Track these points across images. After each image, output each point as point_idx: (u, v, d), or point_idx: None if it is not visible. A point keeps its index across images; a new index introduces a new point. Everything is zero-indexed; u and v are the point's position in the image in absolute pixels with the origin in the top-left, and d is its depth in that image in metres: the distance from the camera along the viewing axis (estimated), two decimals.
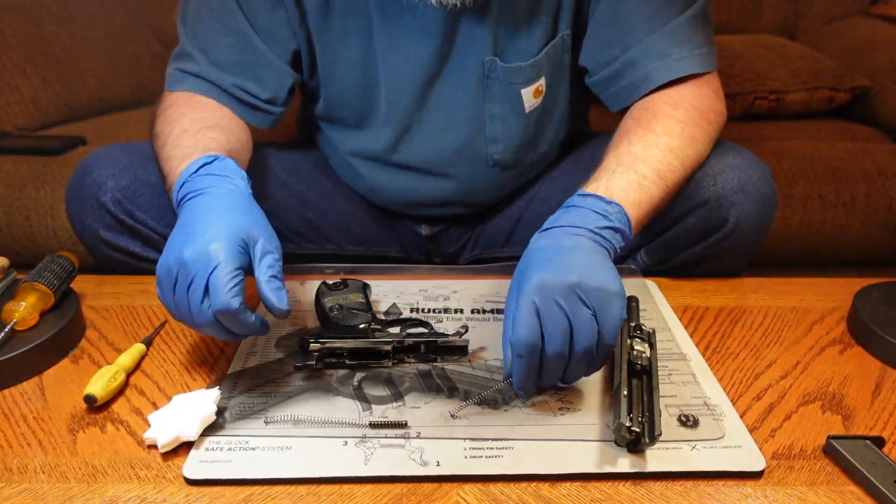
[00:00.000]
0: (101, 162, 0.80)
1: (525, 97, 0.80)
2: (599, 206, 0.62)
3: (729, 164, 0.77)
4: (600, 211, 0.62)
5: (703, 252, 0.81)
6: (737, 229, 0.77)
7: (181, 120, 0.73)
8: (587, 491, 0.49)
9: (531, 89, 0.80)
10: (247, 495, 0.49)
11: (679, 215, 0.79)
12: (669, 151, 0.70)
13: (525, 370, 0.53)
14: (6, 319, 0.63)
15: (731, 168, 0.77)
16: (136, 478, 0.50)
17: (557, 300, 0.52)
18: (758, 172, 0.77)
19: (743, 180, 0.76)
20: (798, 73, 1.50)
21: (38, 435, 0.55)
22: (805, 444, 0.54)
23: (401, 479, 0.50)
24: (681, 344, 0.67)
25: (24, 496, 0.48)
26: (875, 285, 0.74)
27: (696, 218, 0.78)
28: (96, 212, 0.78)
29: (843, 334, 0.71)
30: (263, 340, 0.67)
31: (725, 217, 0.76)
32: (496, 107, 0.81)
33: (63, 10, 1.55)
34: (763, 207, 0.77)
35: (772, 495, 0.49)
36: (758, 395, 0.61)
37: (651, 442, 0.51)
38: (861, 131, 1.49)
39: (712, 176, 0.77)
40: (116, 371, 0.59)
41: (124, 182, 0.78)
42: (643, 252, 0.85)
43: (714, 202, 0.76)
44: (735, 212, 0.76)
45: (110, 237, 0.80)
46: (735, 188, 0.76)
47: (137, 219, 0.79)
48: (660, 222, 0.80)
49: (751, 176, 0.77)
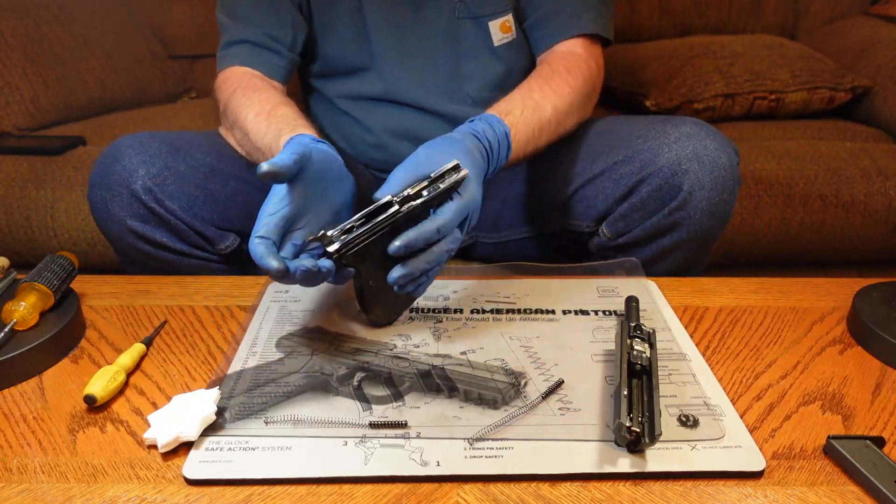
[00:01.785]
0: (132, 149, 0.78)
1: (493, 30, 0.90)
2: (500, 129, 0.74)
3: (686, 134, 0.79)
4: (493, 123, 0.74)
5: (659, 224, 0.81)
6: (690, 198, 0.78)
7: (251, 105, 0.81)
8: (587, 491, 0.49)
9: (498, 22, 0.91)
10: (247, 495, 0.49)
11: (635, 183, 0.81)
12: (554, 110, 0.82)
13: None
14: (6, 319, 0.63)
15: (686, 137, 0.78)
16: (136, 478, 0.50)
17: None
18: (715, 143, 0.78)
19: (698, 149, 0.78)
20: (798, 72, 1.50)
21: (38, 435, 0.55)
22: (805, 444, 0.54)
23: (401, 479, 0.50)
24: (681, 344, 0.67)
25: (23, 496, 0.48)
26: (875, 285, 0.74)
27: (650, 186, 0.80)
28: (125, 199, 0.77)
29: (844, 334, 0.71)
30: (263, 340, 0.67)
31: (679, 185, 0.78)
32: (467, 44, 0.90)
33: (63, 10, 1.55)
34: (719, 178, 0.78)
35: (772, 495, 0.49)
36: (758, 395, 0.61)
37: (651, 442, 0.51)
38: (861, 131, 1.49)
39: (668, 144, 0.79)
40: (116, 371, 0.59)
41: (155, 170, 0.78)
42: (604, 226, 0.86)
43: (667, 168, 0.78)
44: (689, 179, 0.77)
45: (137, 226, 0.79)
46: (689, 156, 0.77)
47: (167, 208, 0.79)
48: (618, 190, 0.83)
49: (707, 145, 0.78)
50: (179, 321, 0.71)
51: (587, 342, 0.67)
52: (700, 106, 1.48)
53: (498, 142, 0.73)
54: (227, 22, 0.91)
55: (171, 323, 0.71)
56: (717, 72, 1.50)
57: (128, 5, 1.71)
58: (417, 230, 0.59)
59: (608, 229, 0.86)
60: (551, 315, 0.72)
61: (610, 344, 0.67)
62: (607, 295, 0.76)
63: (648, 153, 0.80)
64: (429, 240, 0.60)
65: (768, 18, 1.85)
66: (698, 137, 0.78)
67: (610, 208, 0.85)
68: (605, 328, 0.70)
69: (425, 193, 0.61)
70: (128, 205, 0.78)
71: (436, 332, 0.68)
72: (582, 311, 0.73)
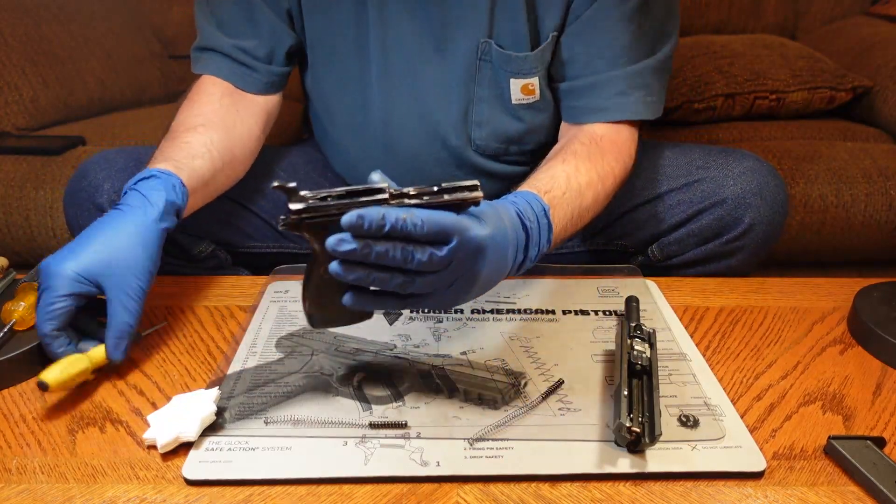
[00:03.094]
0: (98, 165, 0.80)
1: (513, 87, 0.81)
2: (538, 207, 0.62)
3: (749, 168, 0.82)
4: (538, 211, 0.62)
5: (714, 250, 0.84)
6: (750, 231, 0.81)
7: (176, 119, 0.77)
8: (587, 491, 0.49)
9: (521, 82, 0.82)
10: (247, 495, 0.49)
11: (696, 212, 0.83)
12: (594, 200, 0.72)
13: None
14: (6, 319, 0.63)
15: (751, 172, 0.82)
16: (136, 478, 0.50)
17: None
18: (775, 180, 0.83)
19: (762, 184, 0.81)
20: (798, 72, 1.50)
21: (38, 435, 0.55)
22: (806, 444, 0.54)
23: (401, 480, 0.50)
24: (681, 344, 0.67)
25: (23, 496, 0.48)
26: (875, 285, 0.74)
27: (712, 216, 0.82)
28: (92, 214, 0.78)
29: (844, 334, 0.71)
30: (263, 340, 0.67)
31: (741, 217, 0.81)
32: (484, 90, 0.82)
33: (63, 10, 1.55)
34: (776, 214, 0.82)
35: (772, 496, 0.49)
36: (758, 395, 0.60)
37: (651, 442, 0.51)
38: (861, 131, 1.49)
39: (733, 177, 0.82)
40: (78, 359, 0.58)
41: (119, 184, 0.78)
42: (655, 246, 0.88)
43: (731, 201, 0.81)
44: (751, 213, 0.81)
45: None
46: (754, 191, 0.81)
47: None
48: (675, 217, 0.85)
49: (769, 182, 0.82)
50: (179, 321, 0.71)
51: (587, 342, 0.67)
52: (700, 106, 1.48)
53: (538, 221, 0.61)
54: (202, 24, 0.83)
55: (171, 323, 0.71)
56: (718, 72, 1.50)
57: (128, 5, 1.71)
58: (384, 208, 0.47)
59: (659, 251, 0.88)
60: (551, 315, 0.72)
61: (610, 344, 0.67)
62: (607, 295, 0.76)
63: (712, 183, 0.82)
64: (393, 227, 0.47)
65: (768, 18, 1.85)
66: (761, 173, 0.82)
67: (663, 232, 0.87)
68: (605, 328, 0.70)
69: (426, 199, 0.50)
70: (94, 218, 0.79)
71: (436, 332, 0.68)
72: (582, 311, 0.73)
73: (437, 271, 0.50)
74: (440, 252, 0.48)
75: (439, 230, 0.48)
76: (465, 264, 0.51)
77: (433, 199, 0.50)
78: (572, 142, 0.75)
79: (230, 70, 0.81)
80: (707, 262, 0.86)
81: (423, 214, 0.47)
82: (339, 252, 0.46)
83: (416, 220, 0.47)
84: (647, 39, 0.77)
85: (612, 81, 0.77)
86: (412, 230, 0.47)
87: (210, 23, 0.82)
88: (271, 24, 0.82)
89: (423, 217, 0.47)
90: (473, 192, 0.51)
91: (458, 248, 0.49)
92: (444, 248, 0.48)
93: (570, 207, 0.67)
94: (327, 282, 0.51)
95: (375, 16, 0.79)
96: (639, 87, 0.77)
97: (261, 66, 0.83)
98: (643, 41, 0.77)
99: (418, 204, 0.49)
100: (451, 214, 0.49)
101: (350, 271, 0.48)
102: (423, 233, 0.47)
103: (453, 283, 0.51)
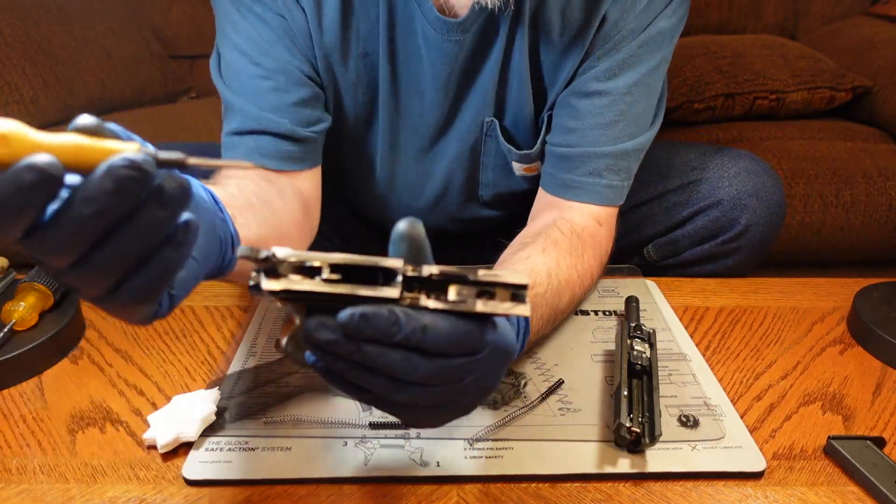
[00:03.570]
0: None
1: (515, 167, 0.78)
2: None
3: (745, 169, 0.81)
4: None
5: (710, 251, 0.83)
6: (746, 231, 0.81)
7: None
8: (587, 491, 0.49)
9: (523, 165, 0.78)
10: (247, 496, 0.49)
11: (692, 213, 0.83)
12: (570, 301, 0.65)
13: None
14: (5, 320, 0.63)
15: (747, 172, 0.81)
16: (136, 478, 0.50)
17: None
18: (771, 180, 0.82)
19: (758, 185, 0.80)
20: (798, 72, 1.50)
21: (38, 435, 0.55)
22: (805, 444, 0.54)
23: (401, 480, 0.50)
24: (681, 344, 0.67)
25: (23, 497, 0.48)
26: (875, 285, 0.74)
27: (708, 217, 0.82)
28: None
29: (844, 334, 0.71)
30: (263, 340, 0.67)
31: (737, 218, 0.80)
32: (490, 159, 0.79)
33: (63, 10, 1.55)
34: (773, 215, 0.81)
35: (772, 496, 0.49)
36: (758, 395, 0.61)
37: (651, 442, 0.51)
38: (861, 131, 1.49)
39: (728, 178, 0.81)
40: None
41: None
42: (651, 247, 0.88)
43: (727, 202, 0.80)
44: (747, 214, 0.80)
45: None
46: (750, 192, 0.80)
47: None
48: (671, 218, 0.84)
49: (765, 182, 0.81)
50: (179, 321, 0.71)
51: (587, 342, 0.67)
52: (700, 106, 1.48)
53: (518, 325, 0.54)
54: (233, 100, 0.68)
55: (172, 323, 0.71)
56: (718, 72, 1.50)
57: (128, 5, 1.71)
58: (398, 310, 0.33)
59: (655, 252, 0.88)
60: None
61: (610, 344, 0.67)
62: (607, 295, 0.76)
63: (707, 185, 0.82)
64: (407, 339, 0.33)
65: (768, 18, 1.85)
66: (757, 174, 0.81)
67: (658, 233, 0.87)
68: (605, 328, 0.70)
69: (452, 296, 0.35)
70: None
71: None
72: (582, 311, 0.73)
73: (442, 385, 0.37)
74: (452, 362, 0.36)
75: (463, 342, 0.35)
76: (479, 382, 0.38)
77: (464, 300, 0.35)
78: (552, 229, 0.67)
79: (276, 153, 0.68)
80: (703, 263, 0.85)
81: (447, 327, 0.34)
82: (320, 340, 0.33)
83: (439, 335, 0.34)
84: (635, 121, 0.71)
85: (592, 161, 0.71)
86: (429, 345, 0.34)
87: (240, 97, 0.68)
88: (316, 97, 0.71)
89: (447, 331, 0.34)
90: (519, 306, 0.35)
91: (482, 361, 0.37)
92: (459, 359, 0.36)
93: (548, 308, 0.60)
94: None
95: (386, 97, 0.73)
96: (616, 170, 0.71)
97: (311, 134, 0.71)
98: (631, 122, 0.71)
99: (442, 308, 0.35)
100: (480, 324, 0.36)
101: (325, 363, 0.35)
102: (440, 346, 0.35)
103: (452, 401, 0.38)
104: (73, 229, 0.30)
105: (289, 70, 0.67)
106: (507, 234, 0.71)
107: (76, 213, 0.30)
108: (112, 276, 0.32)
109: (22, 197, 0.28)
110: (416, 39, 0.68)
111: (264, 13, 0.66)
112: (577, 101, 0.70)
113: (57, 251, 0.31)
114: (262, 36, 0.66)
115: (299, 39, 0.67)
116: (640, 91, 0.69)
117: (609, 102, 0.69)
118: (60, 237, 0.30)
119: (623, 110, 0.69)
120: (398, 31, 0.68)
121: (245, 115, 0.67)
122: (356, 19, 0.68)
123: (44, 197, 0.29)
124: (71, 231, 0.30)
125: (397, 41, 0.69)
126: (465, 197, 0.84)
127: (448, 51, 0.68)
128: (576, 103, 0.70)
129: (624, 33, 0.67)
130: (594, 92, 0.69)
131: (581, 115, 0.70)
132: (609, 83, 0.68)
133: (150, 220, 0.31)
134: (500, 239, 0.75)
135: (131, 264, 0.32)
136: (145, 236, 0.32)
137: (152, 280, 0.33)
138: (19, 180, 0.28)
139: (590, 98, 0.69)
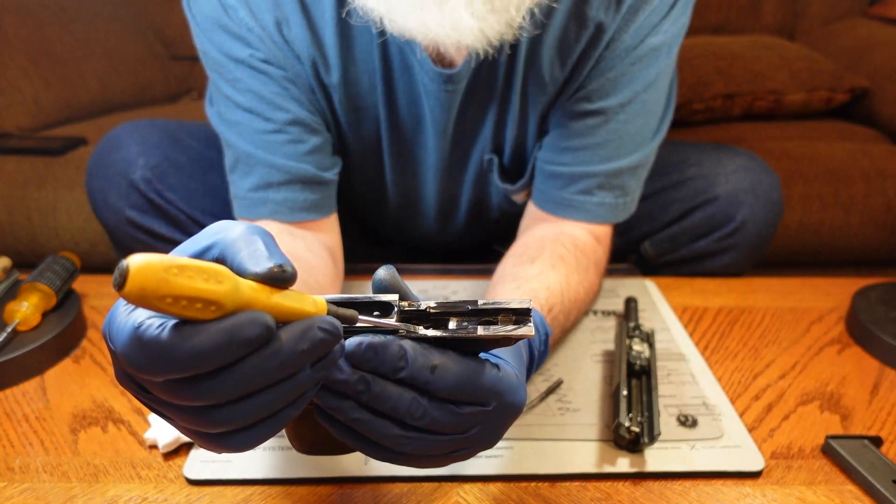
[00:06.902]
0: (131, 138, 0.78)
1: (516, 197, 0.78)
2: (543, 332, 0.54)
3: (742, 166, 0.82)
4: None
5: (706, 247, 0.84)
6: (742, 228, 0.81)
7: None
8: (587, 491, 0.50)
9: (521, 194, 0.77)
10: (247, 495, 0.49)
11: (689, 209, 0.83)
12: (575, 320, 0.66)
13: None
14: (8, 320, 0.64)
15: (744, 169, 0.81)
16: (138, 478, 0.50)
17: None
18: (769, 178, 0.82)
19: (755, 182, 0.81)
20: (797, 73, 1.50)
21: (40, 435, 0.55)
22: (804, 443, 0.55)
23: (401, 479, 0.50)
24: (680, 344, 0.67)
25: (25, 496, 0.49)
26: (874, 285, 0.75)
27: (704, 213, 0.82)
28: (123, 189, 0.77)
29: (842, 334, 0.71)
30: None
31: (733, 215, 0.81)
32: (493, 187, 0.79)
33: (65, 10, 1.55)
34: (769, 212, 0.81)
35: (770, 495, 0.49)
36: (756, 394, 0.61)
37: (650, 442, 0.51)
38: (860, 132, 1.50)
39: (725, 175, 0.81)
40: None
41: (154, 160, 0.77)
42: (648, 243, 0.88)
43: (724, 199, 0.81)
44: (743, 210, 0.80)
45: (135, 216, 0.78)
46: (746, 188, 0.80)
47: (167, 198, 0.78)
48: (668, 214, 0.84)
49: (762, 179, 0.81)
50: None
51: (586, 342, 0.67)
52: (700, 106, 1.48)
53: (537, 350, 0.52)
54: (248, 150, 0.66)
55: None
56: (717, 72, 1.50)
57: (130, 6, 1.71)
58: (407, 344, 0.34)
59: (652, 248, 0.88)
60: None
61: (609, 344, 0.67)
62: (606, 295, 0.77)
63: (704, 182, 0.82)
64: (413, 378, 0.34)
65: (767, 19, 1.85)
66: (754, 171, 0.81)
67: (655, 230, 0.87)
68: (605, 328, 0.70)
69: (451, 325, 0.35)
70: (126, 194, 0.77)
71: None
72: None
73: (448, 434, 0.36)
74: (461, 409, 0.35)
75: (474, 391, 0.35)
76: (484, 433, 0.38)
77: (465, 326, 0.35)
78: (555, 244, 0.66)
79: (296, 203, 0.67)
80: (700, 260, 0.85)
81: (458, 369, 0.34)
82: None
83: (448, 373, 0.34)
84: (630, 139, 0.69)
85: (588, 181, 0.69)
86: (439, 387, 0.34)
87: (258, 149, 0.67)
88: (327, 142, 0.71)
89: (458, 373, 0.34)
90: (522, 328, 0.35)
91: (490, 414, 0.37)
92: (468, 407, 0.36)
93: (559, 329, 0.60)
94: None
95: (389, 143, 0.73)
96: (612, 187, 0.69)
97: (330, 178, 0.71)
98: (626, 140, 0.69)
99: (440, 337, 0.35)
100: (491, 370, 0.36)
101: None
102: (449, 387, 0.34)
103: (455, 451, 0.38)
104: (242, 379, 0.28)
105: (299, 120, 0.66)
106: (503, 243, 0.71)
107: (256, 362, 0.28)
108: (240, 424, 0.30)
109: (232, 351, 0.27)
110: (417, 87, 0.67)
111: (266, 68, 0.64)
112: (568, 121, 0.69)
113: (205, 397, 0.28)
114: (267, 87, 0.65)
115: (302, 88, 0.67)
116: (634, 108, 0.67)
117: (600, 122, 0.67)
118: (226, 384, 0.28)
119: (615, 129, 0.68)
120: (396, 82, 0.67)
121: (270, 167, 0.65)
122: (356, 70, 0.66)
123: (245, 353, 0.28)
124: (236, 379, 0.28)
125: (397, 89, 0.68)
126: (474, 218, 0.84)
127: (444, 100, 0.66)
128: (567, 123, 0.69)
129: (617, 52, 0.65)
130: (585, 112, 0.67)
131: (572, 134, 0.69)
132: (600, 102, 0.67)
133: (307, 379, 0.30)
134: (496, 247, 0.75)
135: (263, 416, 0.30)
136: (295, 393, 0.30)
137: (270, 431, 0.31)
138: (240, 335, 0.27)
139: (582, 118, 0.68)
